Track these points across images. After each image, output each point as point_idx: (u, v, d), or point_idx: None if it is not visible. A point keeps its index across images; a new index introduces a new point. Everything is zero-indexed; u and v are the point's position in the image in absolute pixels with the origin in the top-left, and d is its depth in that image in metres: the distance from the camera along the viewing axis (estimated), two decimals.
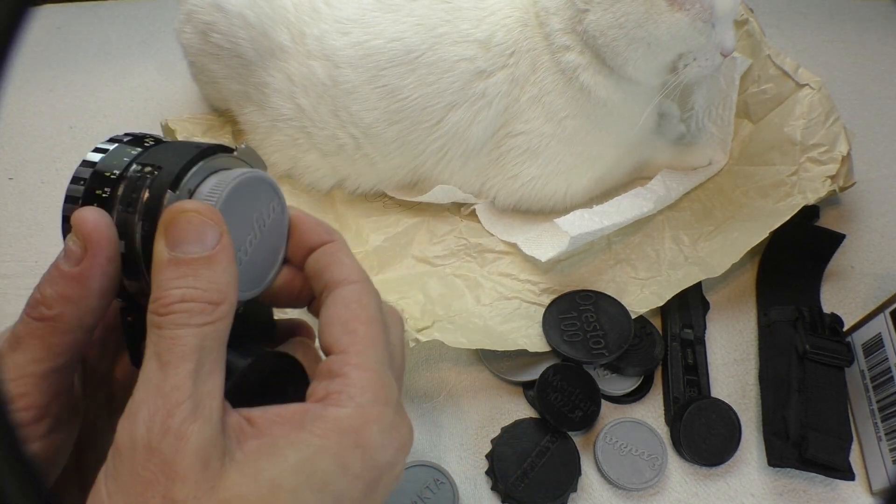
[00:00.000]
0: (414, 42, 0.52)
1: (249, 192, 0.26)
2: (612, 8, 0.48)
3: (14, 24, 0.14)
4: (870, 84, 0.72)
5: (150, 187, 0.24)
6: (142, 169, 0.25)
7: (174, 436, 0.21)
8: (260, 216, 0.26)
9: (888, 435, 0.44)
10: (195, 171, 0.25)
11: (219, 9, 0.55)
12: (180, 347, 0.22)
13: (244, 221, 0.26)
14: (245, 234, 0.26)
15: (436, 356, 0.51)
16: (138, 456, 0.21)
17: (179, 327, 0.22)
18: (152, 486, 0.21)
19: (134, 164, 0.25)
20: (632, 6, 0.48)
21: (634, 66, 0.51)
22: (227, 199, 0.24)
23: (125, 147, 0.26)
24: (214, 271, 0.23)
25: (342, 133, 0.55)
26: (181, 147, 0.26)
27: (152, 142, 0.26)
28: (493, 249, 0.56)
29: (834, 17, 0.80)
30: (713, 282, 0.55)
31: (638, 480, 0.45)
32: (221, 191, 0.24)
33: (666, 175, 0.58)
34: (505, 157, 0.56)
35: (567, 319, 0.50)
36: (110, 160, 0.25)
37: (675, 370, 0.50)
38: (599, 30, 0.49)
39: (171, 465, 0.21)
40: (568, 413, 0.46)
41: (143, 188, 0.24)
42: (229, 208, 0.24)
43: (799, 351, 0.48)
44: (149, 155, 0.25)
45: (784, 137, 0.57)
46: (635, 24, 0.48)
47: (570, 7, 0.50)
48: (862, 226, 0.60)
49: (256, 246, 0.26)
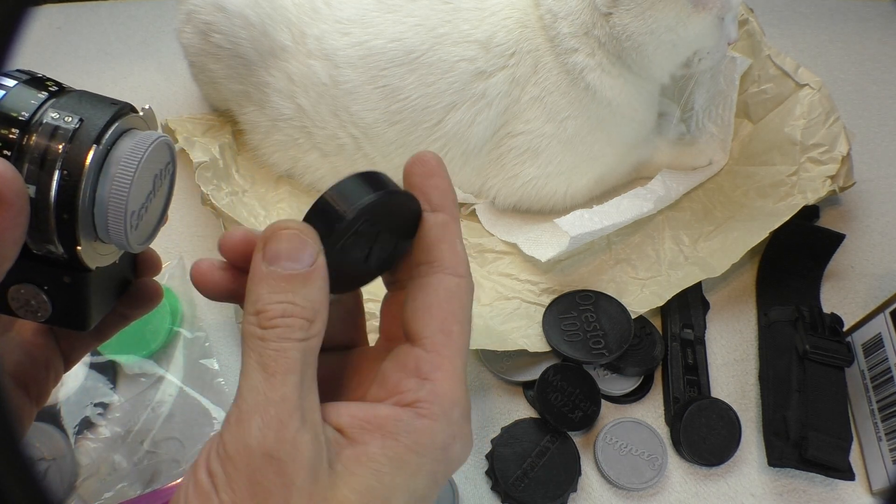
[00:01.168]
0: (414, 42, 0.52)
1: (156, 153, 0.26)
2: (644, 15, 0.49)
3: (14, 24, 0.14)
4: (870, 84, 0.72)
5: (72, 139, 0.24)
6: (59, 117, 0.24)
7: (290, 444, 0.21)
8: (158, 175, 0.27)
9: (888, 435, 0.44)
10: (114, 128, 0.25)
11: (220, 9, 0.55)
12: (285, 360, 0.22)
13: (147, 180, 0.26)
14: (146, 192, 0.26)
15: None
16: (255, 462, 0.21)
17: (283, 340, 0.22)
18: (272, 496, 0.21)
19: (50, 111, 0.24)
20: (663, 13, 0.49)
21: (658, 66, 0.53)
22: (145, 162, 0.25)
23: (28, 88, 0.25)
24: (311, 289, 0.23)
25: (342, 133, 0.55)
26: (94, 99, 0.26)
27: (54, 86, 0.26)
28: (493, 249, 0.56)
29: (834, 17, 0.80)
30: (713, 282, 0.55)
31: (638, 480, 0.45)
32: (142, 153, 0.25)
33: (666, 175, 0.58)
34: (505, 157, 0.56)
35: (567, 319, 0.50)
36: (15, 100, 0.24)
37: (675, 370, 0.50)
38: (626, 34, 0.50)
39: (288, 475, 0.21)
40: (568, 413, 0.46)
41: (64, 139, 0.24)
42: (142, 168, 0.25)
43: (799, 351, 0.48)
44: (64, 103, 0.25)
45: (784, 137, 0.57)
46: (666, 29, 0.50)
47: (587, 12, 0.51)
48: (862, 226, 0.60)
49: (153, 203, 0.27)
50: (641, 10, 0.49)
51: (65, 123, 0.24)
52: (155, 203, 0.28)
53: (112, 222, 0.25)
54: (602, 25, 0.51)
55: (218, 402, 0.48)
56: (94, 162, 0.24)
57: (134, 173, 0.25)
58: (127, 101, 0.27)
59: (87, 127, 0.24)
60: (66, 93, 0.26)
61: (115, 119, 0.25)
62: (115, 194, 0.24)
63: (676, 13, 0.49)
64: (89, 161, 0.24)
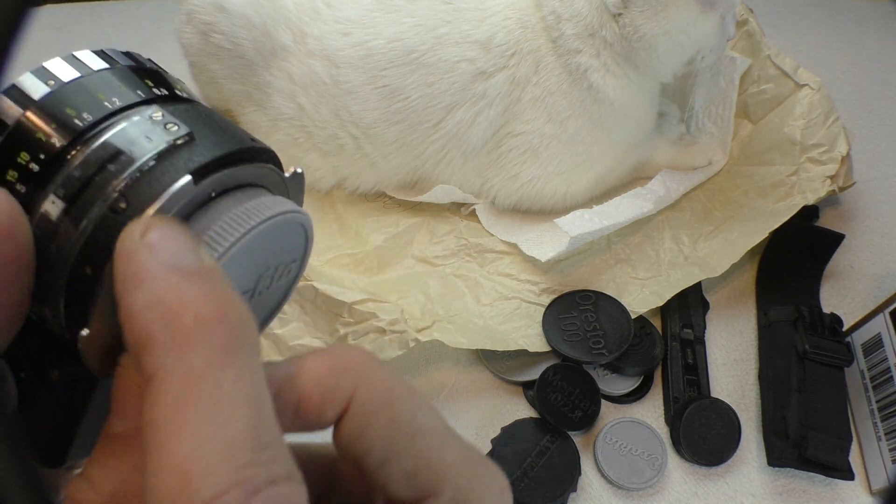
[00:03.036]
0: (414, 43, 0.52)
1: (278, 235, 0.17)
2: (657, 16, 0.50)
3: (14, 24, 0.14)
4: (870, 84, 0.72)
5: (144, 170, 0.15)
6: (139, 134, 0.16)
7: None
8: (271, 270, 0.18)
9: (888, 435, 0.44)
10: (226, 172, 0.16)
11: (220, 9, 0.55)
12: None
13: (247, 269, 0.18)
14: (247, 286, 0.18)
15: (436, 356, 0.51)
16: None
17: None
18: None
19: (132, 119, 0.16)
20: (676, 13, 0.50)
21: (666, 65, 0.54)
22: (253, 239, 0.16)
23: (116, 79, 0.17)
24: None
25: (343, 133, 0.55)
26: (215, 125, 0.17)
27: (162, 88, 0.17)
28: (493, 249, 0.56)
29: (834, 17, 0.80)
30: (713, 282, 0.55)
31: (638, 480, 0.45)
32: (252, 224, 0.16)
33: (666, 175, 0.58)
34: (505, 157, 0.56)
35: (567, 319, 0.50)
36: (83, 93, 0.16)
37: (675, 370, 0.50)
38: (638, 34, 0.51)
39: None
40: (568, 413, 0.46)
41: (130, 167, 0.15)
42: (235, 262, 0.16)
43: (799, 351, 0.48)
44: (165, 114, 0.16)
45: (784, 137, 0.57)
46: (678, 30, 0.51)
47: (594, 13, 0.51)
48: (862, 226, 0.60)
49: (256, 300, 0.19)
50: (655, 12, 0.50)
51: (143, 142, 0.16)
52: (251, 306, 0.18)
53: None
54: (611, 26, 0.51)
55: None
56: (162, 210, 0.15)
57: (225, 251, 0.16)
58: (269, 148, 0.18)
59: (178, 154, 0.16)
60: (178, 101, 0.17)
61: (234, 160, 0.16)
62: None
63: (688, 14, 0.50)
64: (157, 207, 0.15)
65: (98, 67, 0.17)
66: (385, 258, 0.55)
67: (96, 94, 0.16)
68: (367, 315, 0.47)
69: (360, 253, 0.55)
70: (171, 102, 0.17)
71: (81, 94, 0.16)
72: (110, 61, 0.17)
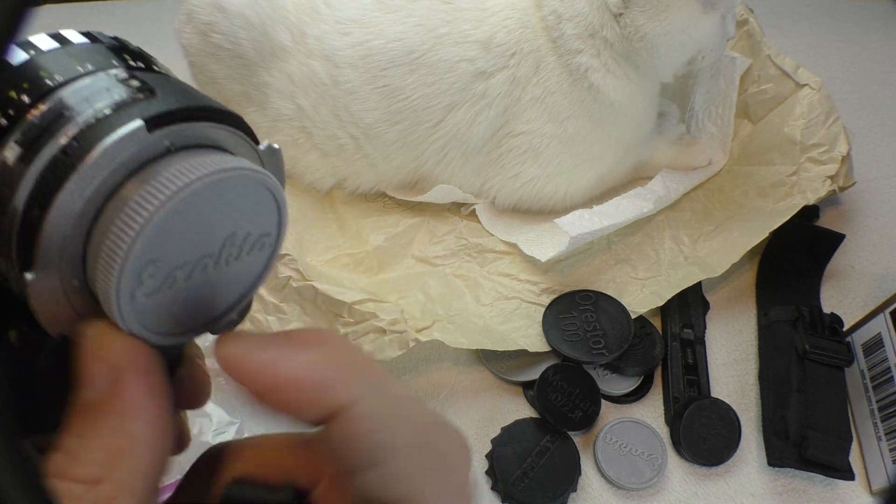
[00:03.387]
0: (414, 42, 0.52)
1: (233, 196, 0.17)
2: (659, 16, 0.50)
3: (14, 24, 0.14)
4: (870, 84, 0.72)
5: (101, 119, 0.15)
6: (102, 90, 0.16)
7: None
8: (239, 237, 0.18)
9: (888, 435, 0.44)
10: (186, 128, 0.16)
11: (220, 9, 0.55)
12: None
13: (209, 230, 0.17)
14: (198, 250, 0.17)
15: (436, 356, 0.51)
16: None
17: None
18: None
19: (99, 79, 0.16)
20: (677, 14, 0.50)
21: (666, 65, 0.54)
22: (209, 193, 0.16)
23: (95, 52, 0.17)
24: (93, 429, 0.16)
25: (342, 133, 0.55)
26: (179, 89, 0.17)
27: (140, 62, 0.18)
28: (493, 249, 0.56)
29: (834, 17, 0.80)
30: (713, 282, 0.55)
31: (638, 480, 0.45)
32: (206, 174, 0.16)
33: (666, 175, 0.58)
34: (505, 157, 0.56)
35: (567, 319, 0.50)
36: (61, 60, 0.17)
37: (675, 370, 0.50)
38: (640, 34, 0.51)
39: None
40: (568, 413, 0.46)
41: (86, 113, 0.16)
42: (187, 208, 0.16)
43: (799, 351, 0.48)
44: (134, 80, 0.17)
45: (784, 137, 0.57)
46: (679, 30, 0.51)
47: (595, 13, 0.51)
48: (862, 226, 0.60)
49: (215, 274, 0.18)
50: (657, 12, 0.50)
51: (102, 94, 0.16)
52: (217, 276, 0.18)
53: (99, 264, 0.16)
54: (612, 26, 0.51)
55: (217, 402, 0.48)
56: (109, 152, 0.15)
57: (166, 200, 0.15)
58: (238, 115, 0.18)
59: (136, 105, 0.16)
60: (151, 73, 0.17)
61: (194, 116, 0.17)
62: (121, 220, 0.15)
63: (689, 13, 0.50)
64: (104, 147, 0.15)
65: (79, 42, 0.17)
66: (385, 258, 0.55)
67: (71, 61, 0.17)
68: (367, 315, 0.47)
69: (360, 253, 0.55)
70: (143, 72, 0.17)
71: (57, 60, 0.17)
72: (92, 39, 0.18)
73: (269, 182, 0.17)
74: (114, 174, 0.16)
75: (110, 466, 0.16)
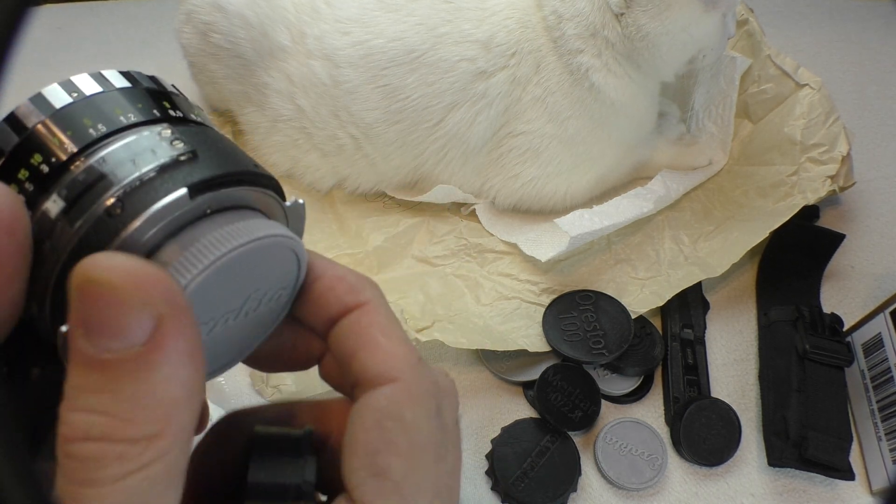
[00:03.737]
0: (415, 42, 0.52)
1: (264, 258, 0.18)
2: (661, 16, 0.50)
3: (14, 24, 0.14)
4: (870, 84, 0.72)
5: (143, 182, 0.16)
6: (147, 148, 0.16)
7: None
8: (258, 296, 0.19)
9: (888, 435, 0.44)
10: (223, 192, 0.17)
11: (219, 9, 0.55)
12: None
13: (232, 290, 0.18)
14: (221, 307, 0.18)
15: (436, 356, 0.51)
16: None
17: (90, 485, 0.14)
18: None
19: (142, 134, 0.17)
20: (679, 13, 0.50)
21: (668, 65, 0.54)
22: (236, 260, 0.17)
23: (132, 98, 0.17)
24: (143, 384, 0.15)
25: (342, 133, 0.55)
26: (218, 146, 0.18)
27: (176, 111, 0.18)
28: (493, 249, 0.56)
29: (834, 17, 0.80)
30: (713, 282, 0.55)
31: (638, 480, 0.45)
32: (234, 245, 0.16)
33: (666, 175, 0.58)
34: (505, 157, 0.56)
35: (567, 319, 0.50)
36: (100, 107, 0.17)
37: (675, 370, 0.50)
38: (641, 34, 0.51)
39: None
40: (568, 413, 0.46)
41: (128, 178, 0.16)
42: (221, 273, 0.17)
43: (799, 351, 0.48)
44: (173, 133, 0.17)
45: (784, 137, 0.57)
46: (681, 29, 0.51)
47: (596, 13, 0.51)
48: (862, 226, 0.60)
49: (231, 328, 0.19)
50: (658, 11, 0.50)
51: (147, 155, 0.16)
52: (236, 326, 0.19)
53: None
54: (613, 26, 0.51)
55: (217, 402, 0.48)
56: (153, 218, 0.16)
57: (207, 265, 0.16)
58: (270, 175, 0.19)
59: (179, 169, 0.16)
60: (190, 123, 0.18)
61: (233, 181, 0.17)
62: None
63: (691, 12, 0.50)
64: (149, 213, 0.16)
65: (120, 85, 0.18)
66: (385, 258, 0.55)
67: (114, 109, 0.17)
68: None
69: (360, 253, 0.55)
70: (184, 124, 0.18)
71: (100, 107, 0.17)
72: (133, 82, 0.18)
73: (294, 245, 0.19)
74: (154, 236, 0.16)
75: (167, 420, 0.15)
